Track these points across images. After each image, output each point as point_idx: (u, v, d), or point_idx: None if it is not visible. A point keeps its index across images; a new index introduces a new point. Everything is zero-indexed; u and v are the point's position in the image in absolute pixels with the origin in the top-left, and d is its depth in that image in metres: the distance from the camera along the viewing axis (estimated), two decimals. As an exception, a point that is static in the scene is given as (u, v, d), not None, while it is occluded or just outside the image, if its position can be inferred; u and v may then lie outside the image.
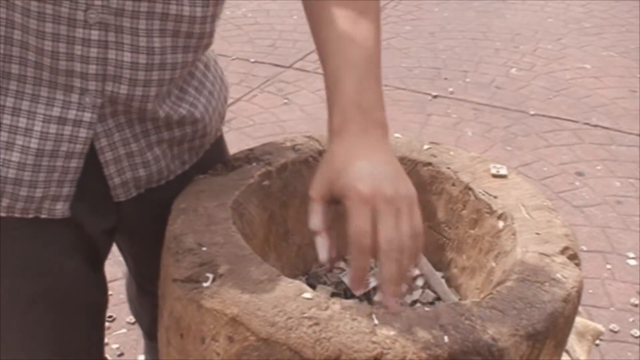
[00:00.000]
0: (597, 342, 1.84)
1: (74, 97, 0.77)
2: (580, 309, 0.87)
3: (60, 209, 0.82)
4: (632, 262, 2.24)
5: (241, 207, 0.88)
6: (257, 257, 0.77)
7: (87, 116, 0.78)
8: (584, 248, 2.27)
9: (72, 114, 0.77)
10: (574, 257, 0.82)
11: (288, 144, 1.00)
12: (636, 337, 1.93)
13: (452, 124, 3.11)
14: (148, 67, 0.77)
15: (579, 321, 1.33)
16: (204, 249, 0.77)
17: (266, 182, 0.94)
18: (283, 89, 3.36)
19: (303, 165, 0.98)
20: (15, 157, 0.77)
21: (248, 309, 0.69)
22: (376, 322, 0.68)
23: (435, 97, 3.37)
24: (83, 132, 0.79)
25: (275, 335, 0.66)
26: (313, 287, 0.95)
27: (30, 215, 0.82)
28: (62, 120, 0.77)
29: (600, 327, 1.38)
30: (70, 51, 0.74)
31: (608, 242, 2.33)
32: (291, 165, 0.97)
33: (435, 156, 1.00)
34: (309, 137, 1.03)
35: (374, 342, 0.66)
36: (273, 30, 4.07)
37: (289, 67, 3.62)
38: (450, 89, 3.45)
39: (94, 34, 0.73)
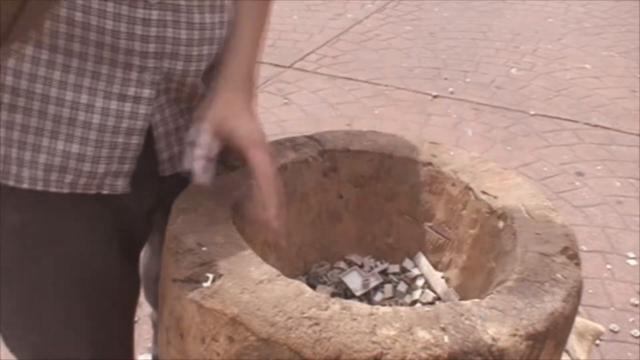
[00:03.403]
0: (597, 342, 1.84)
1: (133, 75, 0.79)
2: (580, 309, 0.87)
3: (121, 184, 0.84)
4: (632, 262, 2.24)
5: (241, 207, 0.89)
6: (257, 257, 0.77)
7: (146, 93, 0.80)
8: (584, 248, 2.27)
9: (131, 91, 0.80)
10: (574, 257, 0.82)
11: (288, 144, 1.00)
12: (636, 337, 1.93)
13: (452, 124, 3.11)
14: (200, 42, 0.81)
15: (579, 321, 1.33)
16: (204, 249, 0.77)
17: (266, 182, 0.94)
18: (283, 89, 3.36)
19: (303, 165, 0.98)
20: (77, 132, 0.79)
21: (248, 309, 0.69)
22: (376, 322, 0.68)
23: (435, 97, 3.37)
24: (142, 109, 0.81)
25: (275, 335, 0.66)
26: (313, 287, 0.95)
27: (92, 191, 0.83)
28: (122, 97, 0.79)
29: (600, 327, 1.38)
30: (130, 31, 0.76)
31: (608, 242, 2.33)
32: (291, 165, 0.97)
33: (435, 156, 1.00)
34: (309, 137, 1.03)
35: (374, 342, 0.66)
36: (273, 30, 4.07)
37: (289, 67, 3.62)
38: (450, 89, 3.45)
39: (154, 14, 0.77)
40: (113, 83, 0.79)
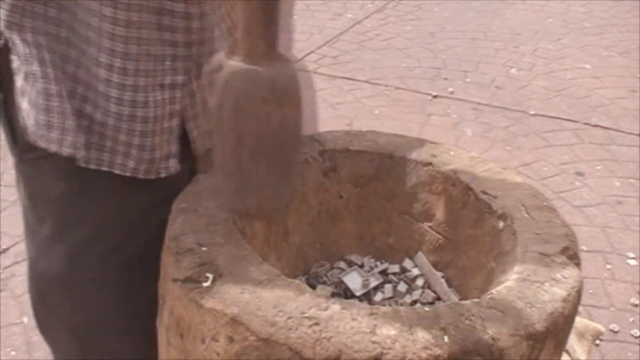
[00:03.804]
0: (597, 342, 1.84)
1: (167, 65, 0.84)
2: (580, 309, 0.87)
3: (174, 165, 0.90)
4: (632, 262, 2.24)
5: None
6: (257, 257, 0.77)
7: (179, 79, 0.86)
8: (584, 248, 2.27)
9: (167, 80, 0.85)
10: (574, 257, 0.82)
11: (288, 144, 1.00)
12: (636, 337, 1.93)
13: (452, 124, 3.11)
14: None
15: (579, 321, 1.33)
16: (204, 249, 0.77)
17: (266, 182, 0.94)
18: (283, 89, 3.36)
19: (303, 165, 0.98)
20: (138, 127, 0.85)
21: (248, 309, 0.69)
22: (376, 322, 0.68)
23: (435, 97, 3.37)
24: (178, 93, 0.87)
25: (275, 335, 0.66)
26: (313, 287, 0.95)
27: (152, 177, 0.88)
28: (161, 87, 0.85)
29: (600, 327, 1.38)
30: (159, 22, 0.82)
31: (608, 242, 2.34)
32: (291, 165, 0.97)
33: (435, 156, 1.00)
34: (309, 137, 1.03)
35: (374, 342, 0.66)
36: (273, 30, 4.06)
37: (289, 67, 3.62)
38: (450, 89, 3.46)
39: (186, 6, 0.82)
40: (155, 77, 0.85)
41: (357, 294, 0.95)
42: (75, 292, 0.94)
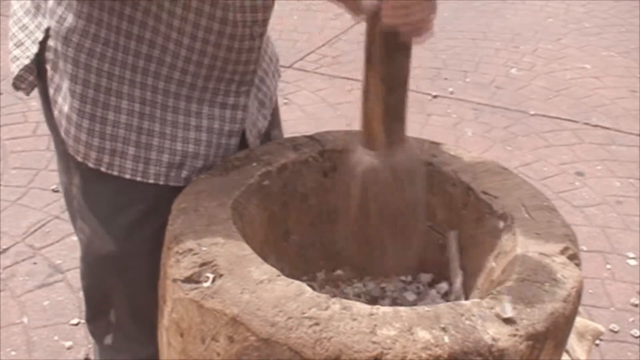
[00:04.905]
0: (597, 342, 1.84)
1: (233, 87, 0.95)
2: (580, 309, 0.87)
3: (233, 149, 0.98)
4: (632, 262, 2.23)
5: (241, 207, 0.89)
6: (257, 257, 0.77)
7: (242, 101, 0.96)
8: (584, 248, 2.26)
9: (231, 100, 0.95)
10: (574, 257, 0.82)
11: (288, 144, 1.00)
12: (636, 337, 1.93)
13: (452, 124, 3.11)
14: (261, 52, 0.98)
15: (579, 321, 1.33)
16: (204, 249, 0.77)
17: (266, 182, 0.94)
18: (283, 89, 3.35)
19: (303, 165, 0.98)
20: (192, 134, 0.93)
21: (248, 309, 0.69)
22: (376, 322, 0.68)
23: (435, 97, 3.37)
24: (240, 114, 0.96)
25: (275, 335, 0.66)
26: (313, 287, 0.95)
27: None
28: (223, 105, 0.95)
29: (600, 327, 1.38)
30: (238, 58, 0.93)
31: (608, 242, 2.33)
32: (291, 165, 0.97)
33: (435, 156, 1.00)
34: (309, 137, 1.03)
35: (374, 342, 0.66)
36: (273, 30, 4.05)
37: (289, 67, 3.62)
38: (450, 89, 3.45)
39: (256, 44, 0.93)
40: (217, 94, 0.94)
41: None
42: (129, 268, 0.96)
